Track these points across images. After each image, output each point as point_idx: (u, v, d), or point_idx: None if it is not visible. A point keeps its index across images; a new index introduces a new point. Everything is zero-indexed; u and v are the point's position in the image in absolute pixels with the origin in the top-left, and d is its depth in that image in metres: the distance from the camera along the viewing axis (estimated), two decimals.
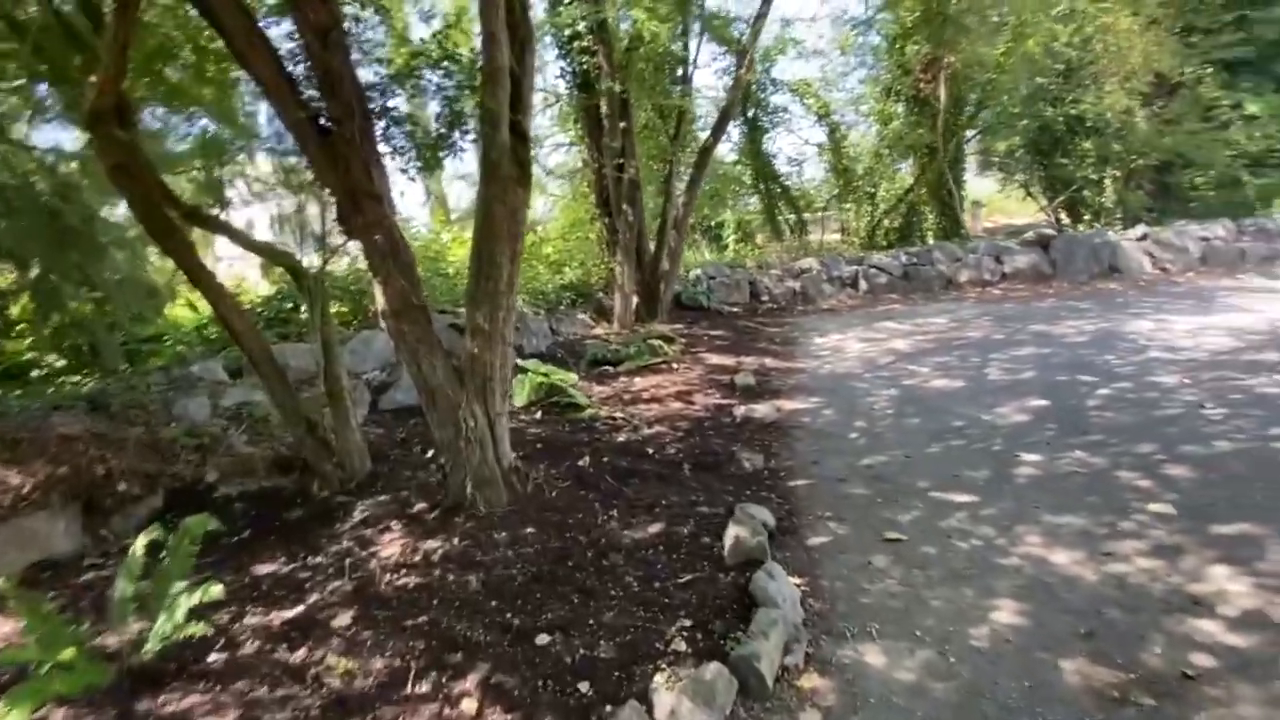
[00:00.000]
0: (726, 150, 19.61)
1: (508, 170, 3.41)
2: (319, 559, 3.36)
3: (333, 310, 5.77)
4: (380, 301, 3.60)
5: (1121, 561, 2.95)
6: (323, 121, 3.36)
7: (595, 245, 10.96)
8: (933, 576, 2.96)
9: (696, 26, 9.92)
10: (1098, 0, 12.03)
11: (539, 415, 5.65)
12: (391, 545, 3.37)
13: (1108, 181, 16.38)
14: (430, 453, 4.53)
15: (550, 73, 10.23)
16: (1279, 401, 4.82)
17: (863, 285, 12.39)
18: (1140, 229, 12.92)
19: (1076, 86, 15.11)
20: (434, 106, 4.94)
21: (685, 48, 10.27)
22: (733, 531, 3.18)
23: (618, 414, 5.56)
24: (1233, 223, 12.66)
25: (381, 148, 3.96)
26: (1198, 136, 13.87)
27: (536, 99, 8.79)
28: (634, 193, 9.38)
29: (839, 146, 17.35)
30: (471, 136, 4.72)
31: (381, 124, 4.26)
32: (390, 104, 4.47)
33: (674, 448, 4.78)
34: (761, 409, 5.48)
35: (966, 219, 17.32)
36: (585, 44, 8.54)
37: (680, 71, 10.64)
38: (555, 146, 12.80)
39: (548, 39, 8.92)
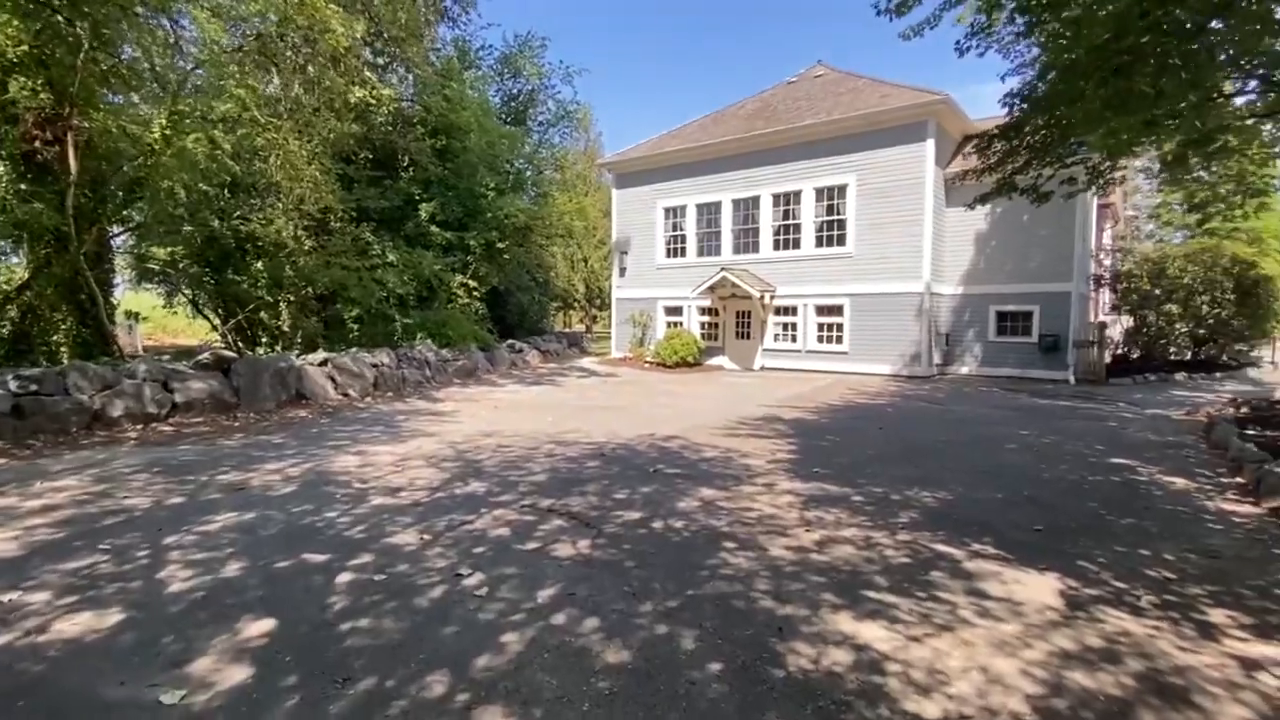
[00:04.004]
0: None
1: None
2: None
3: None
4: None
5: None
6: None
7: None
8: None
9: None
10: (270, 119, 11.44)
11: None
12: None
13: (283, 306, 16.09)
14: None
15: None
16: (514, 547, 4.41)
17: None
18: (321, 354, 12.75)
19: (247, 203, 14.26)
20: None
21: None
22: None
23: None
24: (394, 351, 14.11)
25: None
26: (357, 274, 15.16)
27: None
28: None
29: None
30: None
31: None
32: None
33: None
34: None
35: (120, 334, 13.63)
36: None
37: None
38: None
39: None
